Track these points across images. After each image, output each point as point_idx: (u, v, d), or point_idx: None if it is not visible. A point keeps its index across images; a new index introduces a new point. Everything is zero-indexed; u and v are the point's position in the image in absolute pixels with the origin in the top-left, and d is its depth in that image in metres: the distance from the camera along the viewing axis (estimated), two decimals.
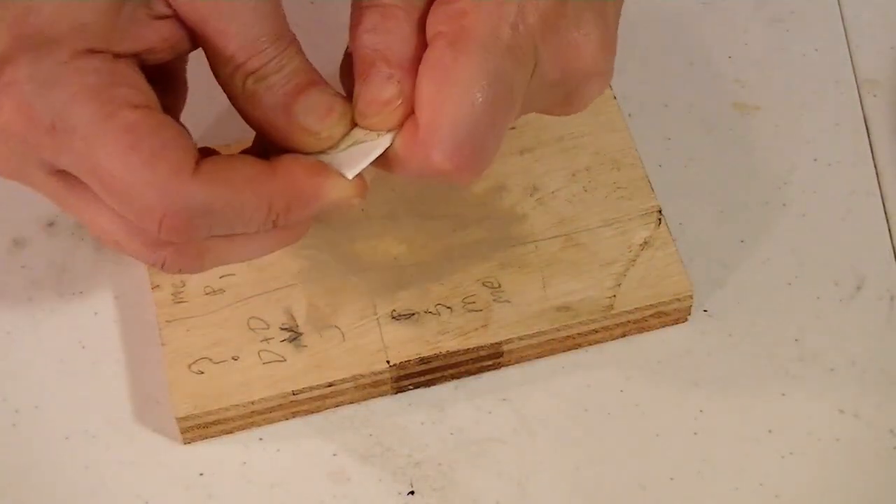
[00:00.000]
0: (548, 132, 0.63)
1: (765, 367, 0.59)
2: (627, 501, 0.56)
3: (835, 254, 0.62)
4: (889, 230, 0.63)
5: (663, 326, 0.60)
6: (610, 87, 0.64)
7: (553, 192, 0.61)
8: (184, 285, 0.59)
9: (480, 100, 0.47)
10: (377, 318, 0.58)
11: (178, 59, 0.50)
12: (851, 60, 0.68)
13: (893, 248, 0.62)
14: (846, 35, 0.69)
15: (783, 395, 0.58)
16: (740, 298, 0.61)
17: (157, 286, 0.59)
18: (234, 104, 0.49)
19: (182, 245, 0.49)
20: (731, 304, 0.60)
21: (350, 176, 0.49)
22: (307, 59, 0.49)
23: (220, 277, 0.59)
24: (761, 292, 0.61)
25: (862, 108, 0.66)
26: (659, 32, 0.69)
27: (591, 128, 0.63)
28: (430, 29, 0.49)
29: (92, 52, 0.46)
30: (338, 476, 0.56)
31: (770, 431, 0.57)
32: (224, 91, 0.49)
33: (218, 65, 0.48)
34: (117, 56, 0.46)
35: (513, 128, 0.63)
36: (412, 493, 0.56)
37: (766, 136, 0.65)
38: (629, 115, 0.65)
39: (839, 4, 0.70)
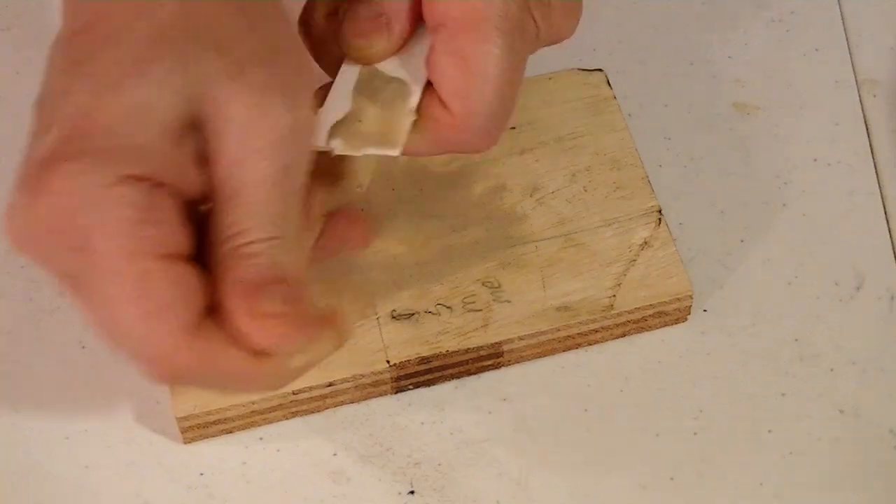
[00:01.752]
0: (548, 132, 0.63)
1: (765, 367, 0.59)
2: (627, 501, 0.56)
3: (835, 254, 0.62)
4: (889, 230, 0.63)
5: (663, 326, 0.60)
6: (610, 86, 0.64)
7: (553, 192, 0.61)
8: None
9: (506, 83, 0.50)
10: (377, 318, 0.58)
11: None
12: (851, 60, 0.68)
13: (893, 248, 0.62)
14: (846, 35, 0.69)
15: (783, 395, 0.58)
16: (740, 298, 0.61)
17: None
18: (212, 263, 0.47)
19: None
20: (731, 304, 0.60)
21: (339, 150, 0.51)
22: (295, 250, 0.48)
23: None
24: (761, 292, 0.61)
25: (862, 108, 0.66)
26: (659, 32, 0.69)
27: (591, 128, 0.63)
28: (440, 13, 0.49)
29: (136, 178, 0.45)
30: (338, 476, 0.56)
31: (770, 431, 0.57)
32: (211, 248, 0.48)
33: (218, 225, 0.47)
34: (160, 185, 0.45)
35: (512, 128, 0.63)
36: (412, 493, 0.56)
37: (766, 136, 0.65)
38: (629, 115, 0.65)
39: (839, 4, 0.70)
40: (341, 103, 0.52)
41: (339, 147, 0.51)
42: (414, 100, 0.51)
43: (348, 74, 0.52)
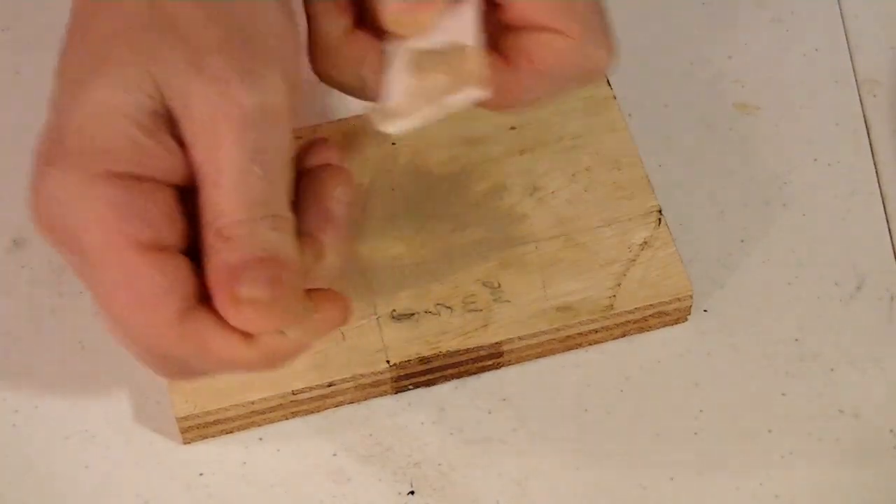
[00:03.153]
0: (548, 132, 0.63)
1: (765, 367, 0.59)
2: (627, 501, 0.56)
3: (835, 254, 0.62)
4: (889, 230, 0.63)
5: (663, 326, 0.60)
6: (610, 86, 0.64)
7: (553, 192, 0.61)
8: None
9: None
10: (377, 318, 0.58)
11: None
12: (851, 60, 0.68)
13: (893, 248, 0.62)
14: (846, 35, 0.69)
15: (783, 395, 0.58)
16: (740, 298, 0.61)
17: None
18: (201, 249, 0.48)
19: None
20: (731, 304, 0.60)
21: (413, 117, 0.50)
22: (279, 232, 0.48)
23: None
24: (761, 292, 0.61)
25: (862, 108, 0.66)
26: (659, 32, 0.69)
27: (591, 128, 0.63)
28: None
29: (111, 175, 0.46)
30: (338, 476, 0.56)
31: (770, 431, 0.57)
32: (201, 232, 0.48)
33: (201, 209, 0.47)
34: (139, 179, 0.46)
35: (512, 128, 0.63)
36: (412, 493, 0.56)
37: (766, 136, 0.65)
38: (629, 115, 0.65)
39: (839, 4, 0.70)
40: (400, 83, 0.51)
41: (418, 119, 0.50)
42: (477, 43, 0.50)
43: (396, 57, 0.51)
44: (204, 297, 0.47)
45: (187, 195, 0.47)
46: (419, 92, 0.51)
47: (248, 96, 0.46)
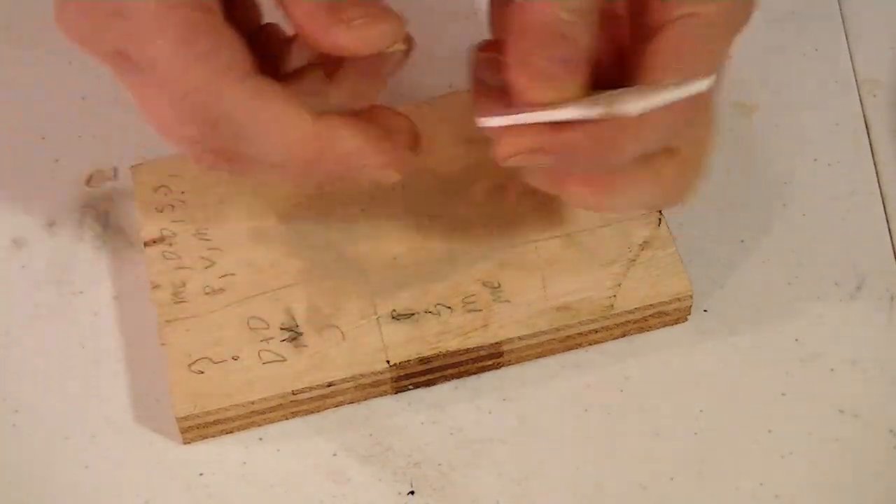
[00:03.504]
0: None
1: (765, 366, 0.59)
2: (627, 501, 0.56)
3: (835, 254, 0.62)
4: (889, 230, 0.63)
5: (663, 326, 0.60)
6: None
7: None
8: (184, 285, 0.59)
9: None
10: (377, 318, 0.58)
11: None
12: (851, 60, 0.68)
13: (893, 248, 0.62)
14: (846, 35, 0.69)
15: (783, 395, 0.58)
16: (740, 298, 0.61)
17: (157, 286, 0.59)
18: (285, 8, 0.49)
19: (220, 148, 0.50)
20: (731, 304, 0.60)
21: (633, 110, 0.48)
22: None
23: (220, 277, 0.59)
24: (761, 292, 0.61)
25: (862, 108, 0.66)
26: None
27: None
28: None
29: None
30: (338, 476, 0.56)
31: (770, 431, 0.57)
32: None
33: None
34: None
35: None
36: (412, 493, 0.56)
37: (766, 136, 0.65)
38: None
39: (839, 4, 0.70)
40: None
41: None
42: None
43: None
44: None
45: None
46: None
47: None
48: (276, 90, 0.48)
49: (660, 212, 0.60)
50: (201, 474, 0.57)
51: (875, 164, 0.65)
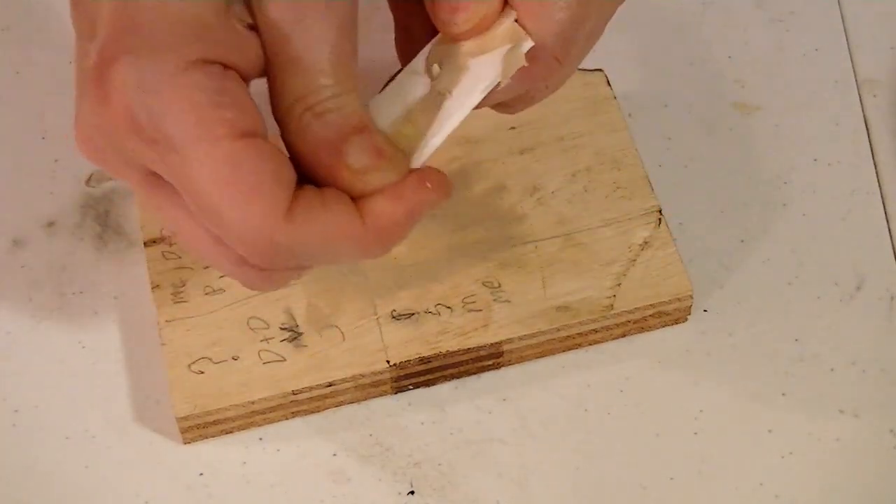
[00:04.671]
0: (548, 132, 0.63)
1: (765, 367, 0.59)
2: (627, 501, 0.56)
3: (835, 254, 0.62)
4: (889, 230, 0.63)
5: (663, 326, 0.60)
6: (610, 86, 0.64)
7: (553, 192, 0.61)
8: (184, 285, 0.59)
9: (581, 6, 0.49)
10: (377, 318, 0.58)
11: None
12: (851, 60, 0.68)
13: (893, 248, 0.62)
14: (846, 35, 0.69)
15: (783, 395, 0.58)
16: (740, 298, 0.61)
17: (157, 286, 0.59)
18: (284, 137, 0.47)
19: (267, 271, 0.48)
20: (731, 304, 0.60)
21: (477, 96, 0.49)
22: (361, 104, 0.48)
23: (220, 277, 0.59)
24: (761, 292, 0.61)
25: (862, 108, 0.66)
26: (659, 32, 0.69)
27: (591, 128, 0.63)
28: None
29: (202, 62, 0.44)
30: (338, 476, 0.56)
31: (770, 431, 0.57)
32: (277, 122, 0.47)
33: (281, 94, 0.46)
34: (226, 68, 0.45)
35: (512, 128, 0.63)
36: (412, 493, 0.56)
37: (766, 136, 0.65)
38: (629, 115, 0.65)
39: (839, 4, 0.70)
40: (393, 106, 0.50)
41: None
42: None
43: (411, 76, 0.50)
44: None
45: None
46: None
47: None
48: (325, 219, 0.46)
49: (660, 212, 0.60)
50: (201, 474, 0.57)
51: (875, 164, 0.65)
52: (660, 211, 0.61)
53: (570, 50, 0.50)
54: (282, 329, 0.58)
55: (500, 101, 0.51)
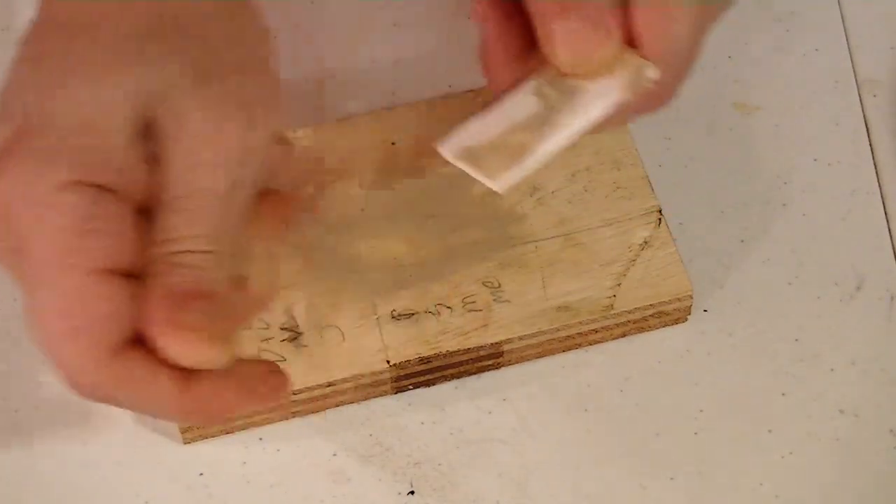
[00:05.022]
0: None
1: (765, 367, 0.59)
2: (627, 501, 0.56)
3: (835, 254, 0.62)
4: (889, 230, 0.63)
5: (663, 326, 0.60)
6: None
7: (553, 192, 0.61)
8: None
9: (697, 19, 0.50)
10: (377, 318, 0.58)
11: None
12: (851, 60, 0.68)
13: (893, 248, 0.62)
14: (846, 35, 0.69)
15: (783, 395, 0.58)
16: (740, 298, 0.61)
17: None
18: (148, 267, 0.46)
19: None
20: (731, 304, 0.60)
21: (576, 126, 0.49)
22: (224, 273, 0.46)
23: None
24: (761, 292, 0.61)
25: (862, 108, 0.66)
26: None
27: None
28: None
29: (83, 183, 0.44)
30: (338, 476, 0.56)
31: (770, 431, 0.57)
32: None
33: (157, 229, 0.45)
34: (108, 191, 0.44)
35: None
36: (412, 493, 0.56)
37: (766, 136, 0.65)
38: None
39: (839, 4, 0.70)
40: (494, 125, 0.50)
41: (450, 156, 0.50)
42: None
43: (523, 96, 0.50)
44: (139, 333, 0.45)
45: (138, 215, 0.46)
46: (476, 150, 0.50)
47: (244, 130, 0.45)
48: (145, 379, 0.45)
49: (660, 212, 0.60)
50: (201, 474, 0.57)
51: (875, 164, 0.65)
52: (660, 211, 0.61)
53: (689, 67, 0.50)
54: (282, 329, 0.58)
55: (614, 122, 0.51)
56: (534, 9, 0.48)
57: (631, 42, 0.49)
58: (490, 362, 0.58)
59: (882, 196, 0.63)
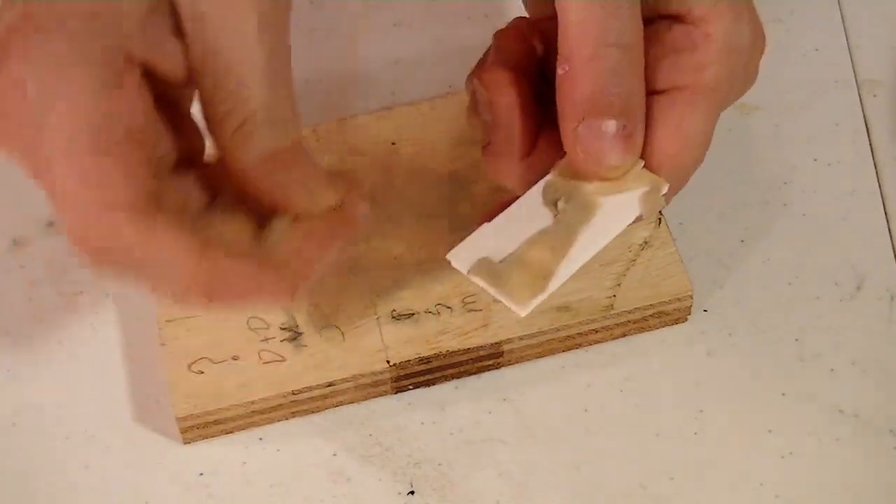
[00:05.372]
0: None
1: (765, 366, 0.59)
2: (627, 501, 0.56)
3: (835, 254, 0.62)
4: (889, 230, 0.63)
5: (663, 326, 0.60)
6: None
7: None
8: None
9: (706, 144, 0.50)
10: (377, 318, 0.58)
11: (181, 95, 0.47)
12: (851, 60, 0.68)
13: (893, 248, 0.62)
14: (846, 35, 0.69)
15: (783, 395, 0.58)
16: (740, 298, 0.61)
17: None
18: (220, 151, 0.46)
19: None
20: (731, 304, 0.60)
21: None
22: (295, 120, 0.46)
23: None
24: (761, 292, 0.61)
25: (862, 108, 0.66)
26: None
27: None
28: (666, 79, 0.49)
29: (104, 49, 0.42)
30: (338, 476, 0.56)
31: (770, 431, 0.57)
32: (210, 134, 0.46)
33: (211, 104, 0.45)
34: (131, 60, 0.43)
35: None
36: (412, 493, 0.56)
37: (766, 136, 0.65)
38: None
39: (839, 4, 0.70)
40: (507, 237, 0.51)
41: (465, 270, 0.50)
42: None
43: (535, 207, 0.51)
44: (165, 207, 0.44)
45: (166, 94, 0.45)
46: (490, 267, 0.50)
47: None
48: (169, 227, 0.44)
49: (660, 212, 0.60)
50: (201, 474, 0.57)
51: (875, 164, 0.65)
52: (659, 211, 0.61)
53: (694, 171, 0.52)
54: (282, 329, 0.58)
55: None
56: (563, 104, 0.48)
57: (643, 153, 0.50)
58: (490, 362, 0.58)
59: (882, 196, 0.63)
